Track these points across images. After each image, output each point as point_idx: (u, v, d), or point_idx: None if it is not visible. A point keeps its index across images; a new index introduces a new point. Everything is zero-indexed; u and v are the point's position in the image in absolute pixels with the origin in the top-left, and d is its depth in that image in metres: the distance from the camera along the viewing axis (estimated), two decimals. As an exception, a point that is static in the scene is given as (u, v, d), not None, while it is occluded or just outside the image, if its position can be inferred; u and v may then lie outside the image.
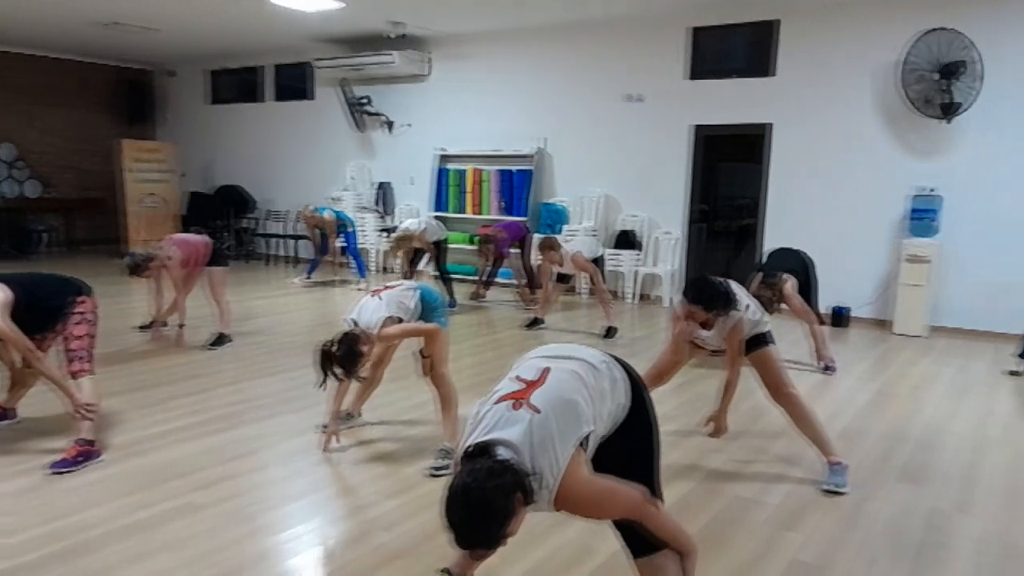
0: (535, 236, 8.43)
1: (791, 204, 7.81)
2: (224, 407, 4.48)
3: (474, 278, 8.76)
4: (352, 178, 10.86)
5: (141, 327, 6.43)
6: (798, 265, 5.75)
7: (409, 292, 3.70)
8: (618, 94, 8.70)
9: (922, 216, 6.97)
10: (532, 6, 8.07)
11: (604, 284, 6.88)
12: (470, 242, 9.13)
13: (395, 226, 8.86)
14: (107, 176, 12.07)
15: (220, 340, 5.98)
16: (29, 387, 4.04)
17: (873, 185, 7.36)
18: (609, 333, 6.65)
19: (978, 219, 6.91)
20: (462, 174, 9.90)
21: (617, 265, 8.56)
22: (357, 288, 8.92)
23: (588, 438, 1.92)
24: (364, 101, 10.58)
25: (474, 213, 9.84)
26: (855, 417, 4.56)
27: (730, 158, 8.74)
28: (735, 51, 8.13)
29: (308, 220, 9.24)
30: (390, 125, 10.53)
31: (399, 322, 3.59)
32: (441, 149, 10.07)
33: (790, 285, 5.52)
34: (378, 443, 3.97)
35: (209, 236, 6.18)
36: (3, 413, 4.06)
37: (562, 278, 7.02)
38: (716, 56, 8.20)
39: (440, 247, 7.87)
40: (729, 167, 8.91)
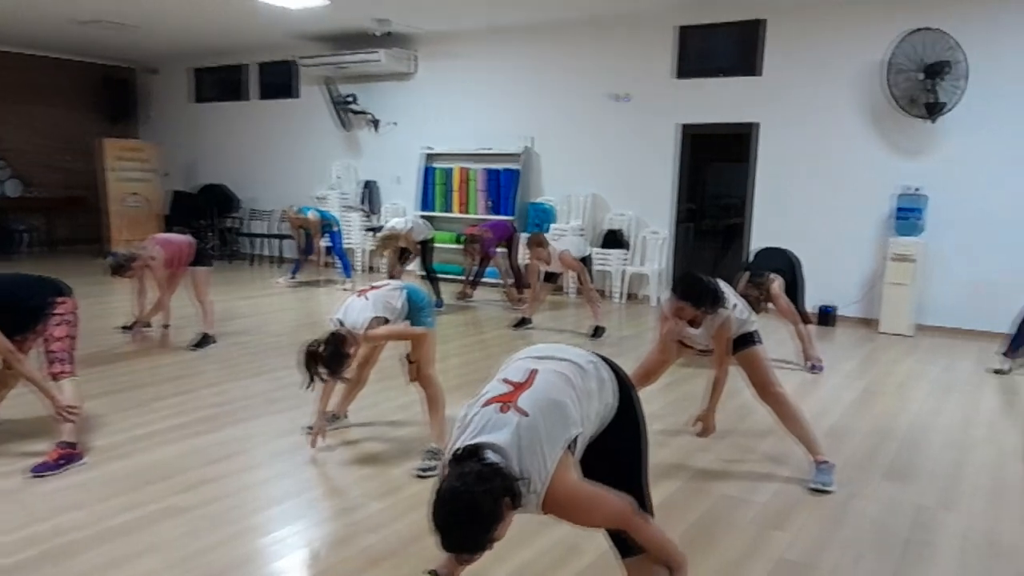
0: (522, 235, 8.42)
1: (778, 203, 7.83)
2: (208, 408, 4.44)
3: (461, 278, 8.75)
4: (338, 177, 10.80)
5: (124, 328, 6.38)
6: (785, 264, 5.77)
7: (396, 292, 3.67)
8: (605, 93, 8.70)
9: (907, 215, 7.01)
10: (518, 5, 8.05)
11: (592, 283, 6.88)
12: (457, 241, 9.10)
13: (381, 225, 8.83)
14: (89, 175, 11.95)
15: (204, 341, 5.93)
16: (10, 389, 3.98)
17: (859, 184, 7.40)
18: (597, 333, 6.65)
19: (962, 218, 6.96)
20: (449, 173, 9.87)
21: (605, 264, 8.56)
22: (343, 288, 8.88)
23: (576, 440, 1.91)
24: (349, 99, 10.52)
25: (461, 212, 9.81)
26: (841, 416, 4.57)
27: (717, 157, 8.77)
28: (722, 50, 8.14)
29: (292, 220, 9.18)
30: (376, 124, 10.49)
31: (386, 322, 3.56)
32: (427, 148, 10.04)
33: (777, 285, 5.54)
34: (364, 444, 3.94)
35: (193, 236, 6.14)
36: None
37: (549, 277, 7.01)
38: (703, 55, 8.20)
39: (426, 246, 7.85)
40: (716, 166, 8.94)
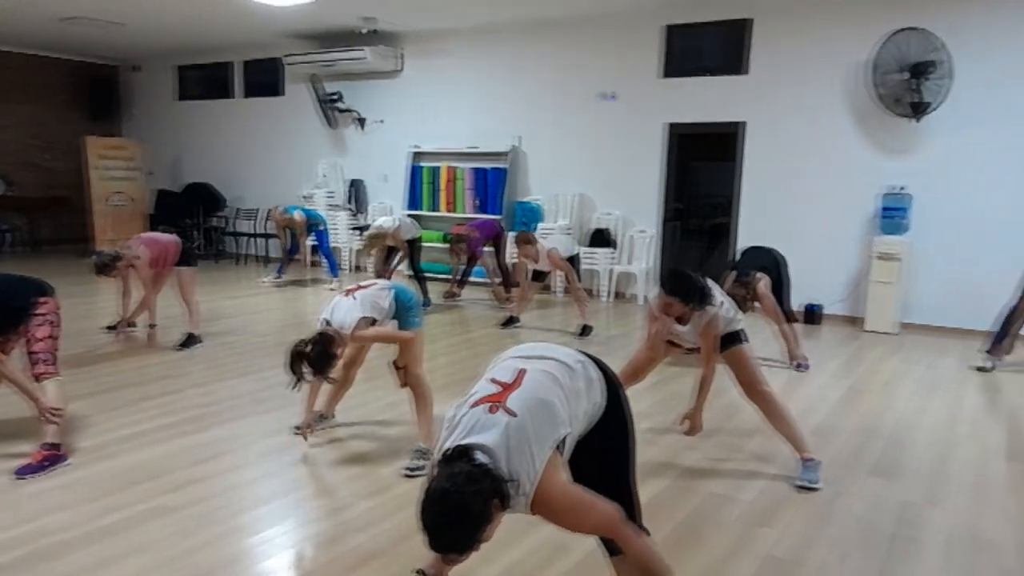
0: (510, 234, 8.42)
1: (764, 202, 7.87)
2: (195, 408, 4.42)
3: (448, 277, 8.73)
4: (324, 176, 10.75)
5: (109, 328, 6.33)
6: (770, 263, 5.80)
7: (383, 292, 3.66)
8: (592, 92, 8.71)
9: (892, 214, 7.06)
10: (504, 3, 8.04)
11: (579, 282, 6.89)
12: (444, 241, 9.09)
13: (367, 224, 8.80)
14: (72, 174, 11.84)
15: (190, 341, 5.90)
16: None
17: (844, 183, 7.45)
18: (584, 331, 6.66)
19: (946, 217, 7.01)
20: (436, 172, 9.85)
21: (592, 263, 8.57)
22: (329, 288, 8.85)
23: (564, 440, 1.91)
24: (335, 97, 10.48)
25: (448, 211, 9.80)
26: (828, 414, 4.60)
27: (704, 157, 8.80)
28: (709, 49, 8.17)
29: (278, 221, 9.15)
30: (362, 122, 10.45)
31: (373, 323, 3.56)
32: (414, 146, 10.02)
33: (763, 284, 5.57)
34: (352, 444, 3.93)
35: (178, 235, 6.09)
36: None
37: (537, 276, 7.01)
38: (690, 54, 8.22)
39: (414, 245, 7.83)
40: (703, 166, 8.97)
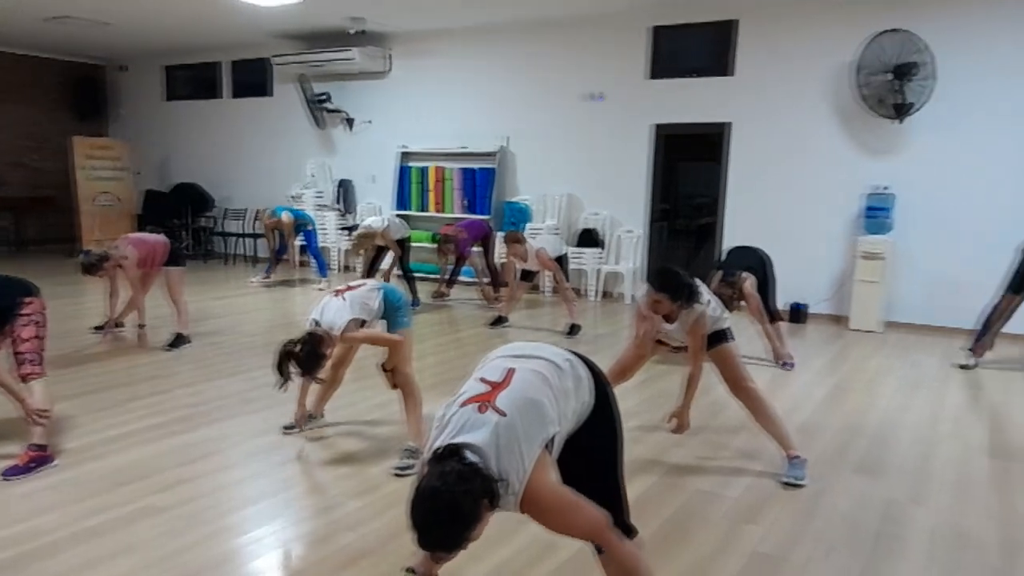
0: (498, 234, 8.43)
1: (750, 203, 7.93)
2: (183, 408, 4.41)
3: (437, 277, 8.74)
4: (312, 176, 10.74)
5: (96, 328, 6.31)
6: (756, 263, 5.85)
7: (373, 293, 3.67)
8: (580, 93, 8.74)
9: (876, 214, 7.13)
10: (492, 4, 8.06)
11: (567, 282, 6.92)
12: (432, 241, 9.10)
13: (356, 224, 8.79)
14: (59, 174, 11.77)
15: (178, 341, 5.88)
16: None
17: (829, 183, 7.51)
18: (573, 331, 6.69)
19: (929, 216, 7.09)
20: (424, 172, 9.85)
21: (580, 263, 8.60)
22: (318, 288, 8.83)
23: (553, 439, 1.93)
24: (323, 98, 10.46)
25: (437, 211, 9.81)
26: (813, 411, 4.65)
27: (690, 157, 8.83)
28: (695, 50, 8.22)
29: (267, 224, 9.13)
30: (350, 122, 10.44)
31: (363, 324, 3.57)
32: (403, 146, 10.02)
33: (749, 283, 5.61)
34: (341, 443, 3.94)
35: (166, 235, 6.08)
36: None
37: (526, 276, 7.03)
38: (676, 55, 8.27)
39: (403, 245, 7.83)
40: (689, 166, 9.01)
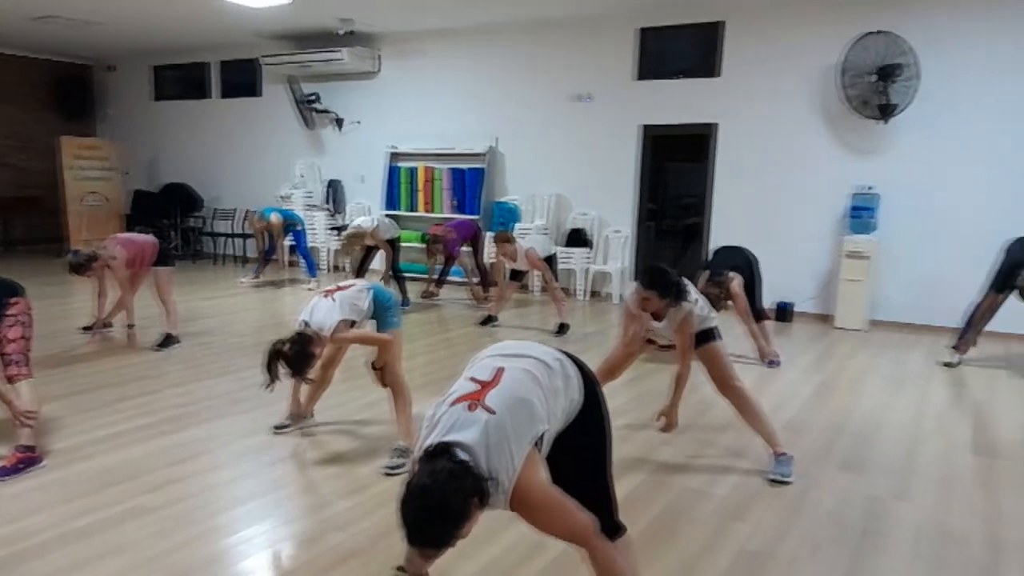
0: (488, 234, 8.45)
1: (736, 203, 7.97)
2: (172, 409, 4.41)
3: (426, 276, 8.74)
4: (301, 176, 10.73)
5: (85, 328, 6.29)
6: (743, 262, 5.89)
7: (362, 293, 3.68)
8: (568, 93, 8.77)
9: (860, 214, 7.19)
10: (481, 6, 8.08)
11: (556, 282, 6.95)
12: (422, 241, 9.11)
13: (345, 224, 8.79)
14: (46, 174, 11.69)
15: (167, 341, 5.87)
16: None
17: (815, 183, 7.57)
18: (561, 330, 6.71)
19: (913, 216, 7.15)
20: (413, 172, 9.86)
21: (569, 263, 8.63)
22: (307, 288, 8.82)
23: (543, 436, 1.94)
24: (312, 98, 10.45)
25: (426, 211, 9.81)
26: (799, 409, 4.69)
27: (677, 158, 8.88)
28: (682, 52, 8.26)
29: (256, 227, 9.12)
30: (339, 122, 10.43)
31: (352, 324, 3.58)
32: (392, 147, 10.02)
33: (737, 283, 5.65)
34: (331, 443, 3.95)
35: (155, 235, 6.06)
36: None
37: (515, 275, 7.06)
38: (664, 57, 8.31)
39: (393, 245, 7.83)
40: (676, 166, 9.06)
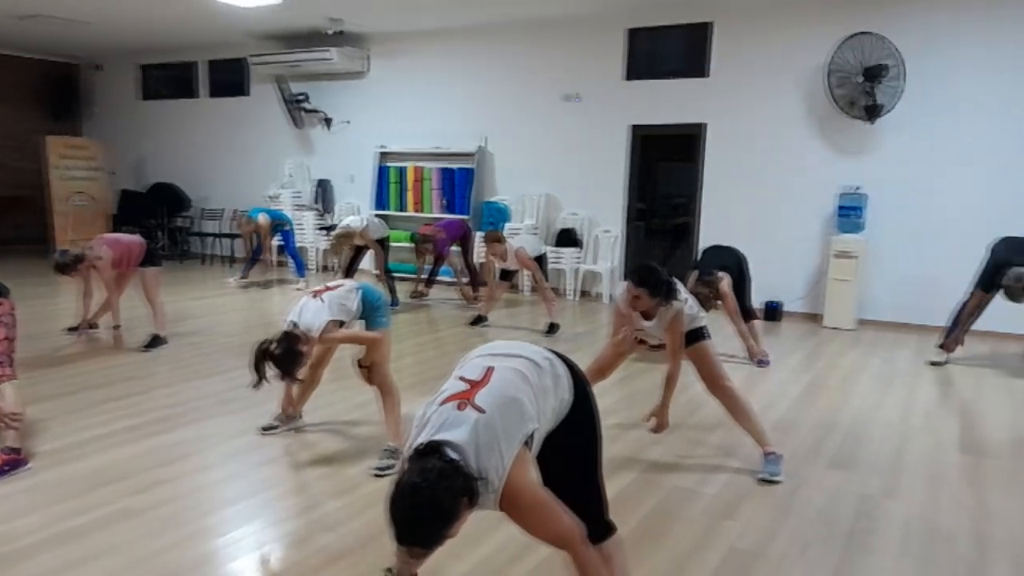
0: (478, 234, 8.44)
1: (725, 202, 8.00)
2: (160, 410, 4.38)
3: (416, 276, 8.72)
4: (290, 176, 10.69)
5: (70, 329, 6.24)
6: (732, 262, 5.91)
7: (351, 293, 3.67)
8: (557, 94, 8.78)
9: (848, 213, 7.23)
10: (470, 6, 8.07)
11: (546, 281, 6.95)
12: (411, 240, 9.09)
13: (334, 224, 8.76)
14: (32, 174, 11.58)
15: (155, 342, 5.84)
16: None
17: (803, 184, 7.60)
18: (551, 329, 6.71)
19: (900, 216, 7.20)
20: (403, 172, 9.84)
21: (558, 263, 8.63)
22: (296, 288, 8.79)
23: (532, 436, 1.94)
24: (301, 98, 10.42)
25: (416, 211, 9.80)
26: (788, 408, 4.71)
27: (667, 158, 8.90)
28: (671, 52, 8.29)
29: (244, 229, 9.08)
30: (328, 122, 10.40)
31: (341, 325, 3.57)
32: (381, 147, 10.00)
33: (726, 283, 5.67)
34: (320, 444, 3.93)
35: (142, 236, 6.03)
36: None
37: (505, 275, 7.06)
38: (652, 57, 8.34)
39: (383, 245, 7.82)
40: (666, 166, 9.08)
